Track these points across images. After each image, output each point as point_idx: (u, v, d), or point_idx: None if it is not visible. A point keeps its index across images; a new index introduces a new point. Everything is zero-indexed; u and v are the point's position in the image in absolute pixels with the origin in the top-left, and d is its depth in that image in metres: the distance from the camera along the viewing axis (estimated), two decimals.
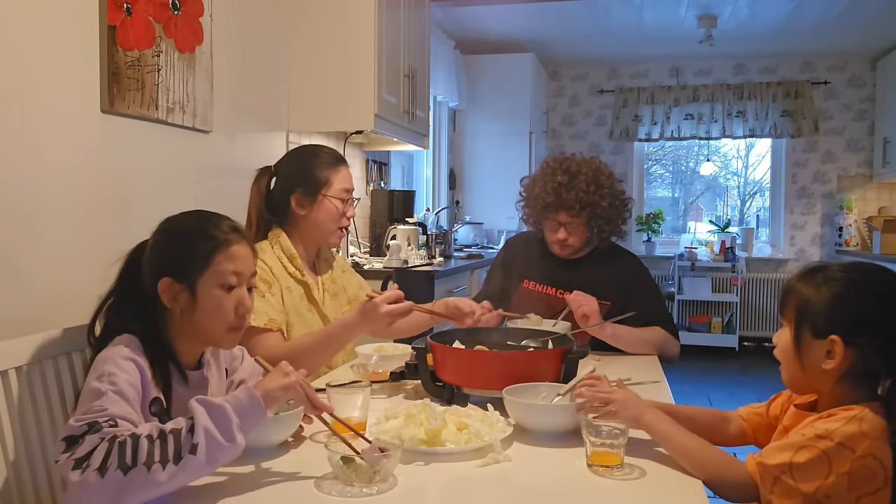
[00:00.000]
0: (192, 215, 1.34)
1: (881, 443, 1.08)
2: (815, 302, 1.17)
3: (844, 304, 1.15)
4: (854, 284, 1.17)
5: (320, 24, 3.09)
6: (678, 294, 6.31)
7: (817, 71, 6.24)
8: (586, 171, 2.07)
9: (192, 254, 1.26)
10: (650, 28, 5.41)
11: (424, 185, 5.35)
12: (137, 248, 1.33)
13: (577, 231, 2.09)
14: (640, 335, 2.01)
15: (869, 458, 1.07)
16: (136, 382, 1.15)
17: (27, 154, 1.73)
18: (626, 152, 6.67)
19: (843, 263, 1.23)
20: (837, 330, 1.14)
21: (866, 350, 1.13)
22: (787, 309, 1.22)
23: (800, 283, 1.21)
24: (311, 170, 1.87)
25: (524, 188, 2.21)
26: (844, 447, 1.07)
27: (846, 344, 1.14)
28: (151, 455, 0.99)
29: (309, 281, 1.88)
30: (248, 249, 1.33)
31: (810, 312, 1.17)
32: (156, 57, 2.14)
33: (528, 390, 1.40)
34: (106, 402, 1.08)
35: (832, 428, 1.09)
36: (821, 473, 1.07)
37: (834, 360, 1.14)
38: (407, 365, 1.62)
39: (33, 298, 1.74)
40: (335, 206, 1.87)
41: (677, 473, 1.17)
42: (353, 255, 3.50)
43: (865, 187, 6.20)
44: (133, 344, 1.20)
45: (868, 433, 1.08)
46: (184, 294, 1.25)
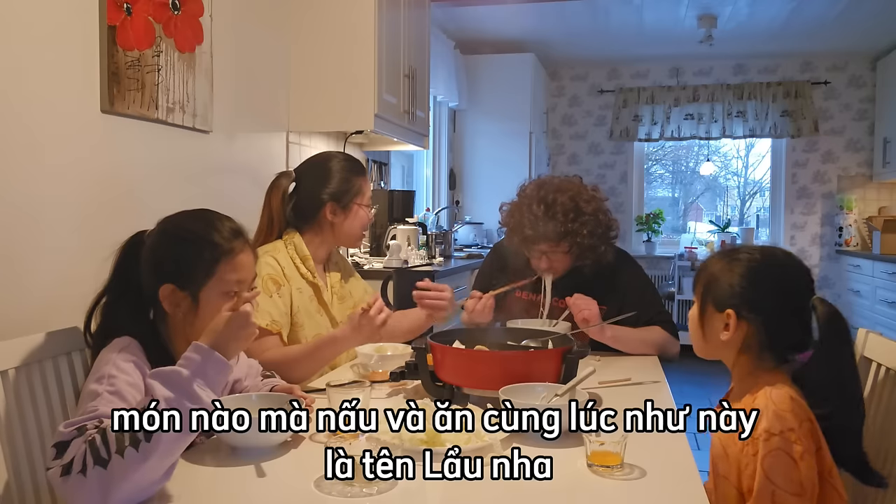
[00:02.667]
0: (193, 217, 1.32)
1: (799, 401, 1.19)
2: (720, 278, 1.31)
3: (742, 281, 1.28)
4: (754, 265, 1.30)
5: (320, 24, 3.09)
6: (678, 294, 6.31)
7: (817, 71, 6.24)
8: (564, 200, 2.00)
9: (195, 261, 1.25)
10: (650, 28, 5.41)
11: (424, 185, 5.35)
12: (132, 242, 1.31)
13: (559, 259, 2.06)
14: (640, 336, 2.00)
15: (806, 423, 1.17)
16: (137, 383, 1.15)
17: (27, 154, 1.73)
18: (626, 152, 6.67)
19: (753, 246, 1.38)
20: (733, 304, 1.28)
21: (756, 324, 1.27)
22: (698, 284, 1.36)
23: (711, 261, 1.36)
24: (343, 180, 1.93)
25: (503, 217, 2.16)
26: (786, 430, 1.15)
27: (738, 317, 1.28)
28: (121, 441, 0.97)
29: (319, 283, 1.90)
30: (252, 256, 1.33)
31: (714, 287, 1.32)
32: (156, 57, 2.14)
33: (526, 390, 1.40)
34: (99, 402, 1.08)
35: (766, 426, 1.16)
36: (790, 468, 1.13)
37: (728, 332, 1.29)
38: (407, 365, 1.62)
39: (33, 298, 1.74)
40: (366, 214, 1.95)
41: (677, 473, 1.17)
42: (353, 255, 3.50)
43: (865, 187, 6.19)
44: (133, 346, 1.20)
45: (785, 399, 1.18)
46: (186, 301, 1.24)
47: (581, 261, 2.07)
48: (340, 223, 1.92)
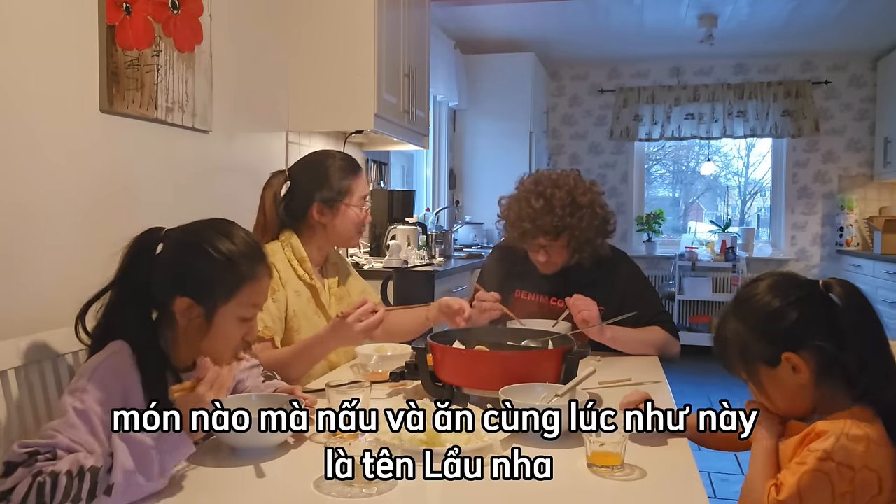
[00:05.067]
0: (220, 231, 1.28)
1: (875, 448, 1.10)
2: (748, 339, 1.20)
3: (769, 324, 1.18)
4: (763, 305, 1.20)
5: (320, 24, 3.09)
6: (679, 294, 6.30)
7: (818, 71, 6.24)
8: (561, 194, 2.01)
9: (218, 281, 1.23)
10: (651, 27, 5.40)
11: (424, 184, 5.35)
12: (143, 239, 1.27)
13: (557, 252, 2.06)
14: (640, 337, 2.00)
15: (864, 472, 1.09)
16: (110, 400, 1.12)
17: (26, 154, 1.73)
18: (626, 152, 6.66)
19: (741, 291, 1.27)
20: (783, 348, 1.17)
21: (816, 345, 1.16)
22: (733, 363, 1.24)
23: (727, 330, 1.24)
24: (331, 179, 1.89)
25: (501, 210, 2.17)
26: (843, 466, 1.08)
27: (798, 352, 1.16)
28: (67, 493, 0.97)
29: (317, 285, 1.89)
30: (270, 280, 1.32)
31: (750, 351, 1.20)
32: (155, 56, 2.14)
33: (526, 390, 1.39)
34: (61, 426, 1.06)
35: (828, 447, 1.09)
36: (825, 498, 1.07)
37: (802, 372, 1.16)
38: (407, 365, 1.62)
39: (33, 298, 1.74)
40: (356, 214, 1.91)
41: (677, 473, 1.17)
42: (352, 255, 3.49)
43: (866, 187, 6.19)
44: (123, 352, 1.18)
45: (861, 441, 1.09)
46: (200, 318, 1.23)
47: (580, 253, 2.07)
48: (329, 223, 1.89)
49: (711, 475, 3.43)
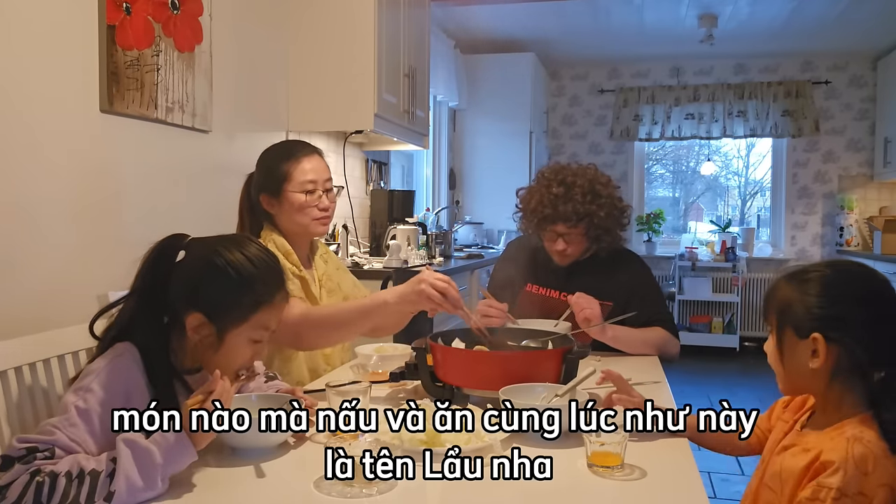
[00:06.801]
0: (241, 250, 1.25)
1: (883, 461, 1.08)
2: (795, 302, 1.19)
3: (821, 301, 1.16)
4: (829, 282, 1.19)
5: (320, 24, 3.09)
6: (679, 294, 6.30)
7: (818, 71, 6.24)
8: (582, 182, 2.06)
9: (234, 303, 1.22)
10: (651, 27, 5.40)
11: (424, 184, 5.35)
12: (164, 246, 1.25)
13: (576, 241, 2.09)
14: (640, 336, 2.00)
15: (879, 490, 1.07)
16: (113, 402, 1.12)
17: (26, 153, 1.73)
18: (626, 152, 6.67)
19: (819, 262, 1.26)
20: (818, 327, 1.15)
21: (848, 344, 1.14)
22: (770, 314, 1.23)
23: (779, 286, 1.23)
24: (270, 167, 1.85)
25: (520, 200, 2.19)
26: (859, 495, 1.06)
27: (828, 340, 1.14)
28: (66, 495, 0.97)
29: (306, 276, 1.88)
30: (286, 304, 1.32)
31: (791, 313, 1.19)
32: (155, 56, 2.14)
33: (526, 391, 1.39)
34: (62, 424, 1.06)
35: (840, 485, 1.06)
36: None
37: (819, 358, 1.15)
38: (407, 365, 1.62)
39: (32, 298, 1.74)
40: (299, 199, 1.82)
41: (677, 473, 1.16)
42: (352, 255, 3.49)
43: (866, 187, 6.19)
44: (130, 354, 1.18)
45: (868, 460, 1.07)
46: (212, 336, 1.22)
47: (598, 243, 2.10)
48: (278, 213, 1.84)
49: (711, 475, 3.43)
